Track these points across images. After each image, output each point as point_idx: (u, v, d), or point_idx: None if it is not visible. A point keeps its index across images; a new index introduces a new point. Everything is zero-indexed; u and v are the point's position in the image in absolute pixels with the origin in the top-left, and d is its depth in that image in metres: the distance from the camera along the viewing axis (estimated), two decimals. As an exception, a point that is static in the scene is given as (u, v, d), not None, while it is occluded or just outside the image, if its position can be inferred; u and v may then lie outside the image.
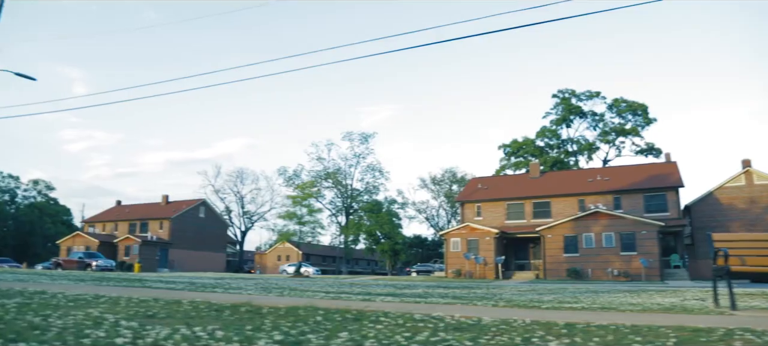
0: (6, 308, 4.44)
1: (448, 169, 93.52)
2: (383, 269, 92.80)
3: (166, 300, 5.55)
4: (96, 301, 5.34)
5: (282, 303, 5.55)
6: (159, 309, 4.80)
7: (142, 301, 5.45)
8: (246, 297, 6.18)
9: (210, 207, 71.12)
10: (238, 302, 5.37)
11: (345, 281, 25.39)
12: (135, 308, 4.87)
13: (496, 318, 4.56)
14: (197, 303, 5.30)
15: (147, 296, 6.26)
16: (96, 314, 4.23)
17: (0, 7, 31.37)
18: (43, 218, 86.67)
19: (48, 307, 4.66)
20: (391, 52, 14.97)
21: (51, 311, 4.37)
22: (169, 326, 3.64)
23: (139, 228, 64.58)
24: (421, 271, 60.59)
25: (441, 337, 3.42)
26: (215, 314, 4.55)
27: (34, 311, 4.28)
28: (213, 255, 66.45)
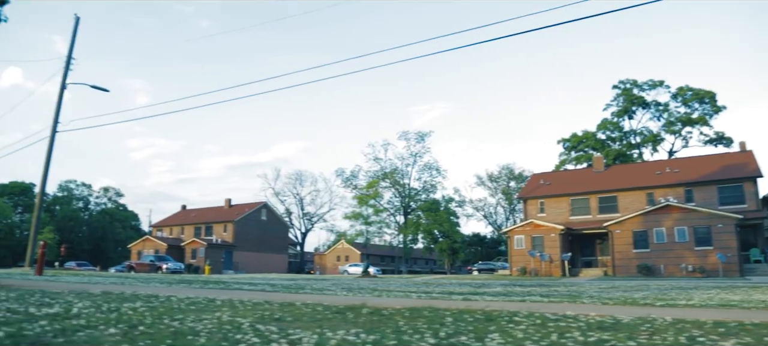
0: (138, 312, 4.52)
1: (504, 165, 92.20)
2: (441, 268, 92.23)
3: (279, 303, 5.57)
4: (212, 305, 5.40)
5: (397, 304, 5.48)
6: (280, 312, 4.80)
7: (256, 304, 5.48)
8: (358, 299, 6.16)
9: (271, 209, 72.42)
10: (353, 304, 5.34)
11: (414, 280, 25.27)
12: (254, 311, 4.89)
13: (633, 316, 4.35)
14: (312, 305, 5.30)
15: (252, 298, 6.31)
16: (226, 318, 4.25)
17: (74, 34, 32.71)
18: (114, 224, 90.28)
19: (174, 311, 4.73)
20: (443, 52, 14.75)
21: (181, 315, 4.42)
22: (310, 330, 3.61)
23: (204, 231, 66.38)
24: (483, 269, 59.94)
25: (597, 337, 3.26)
26: (339, 316, 4.52)
27: (166, 315, 4.35)
28: (275, 257, 67.64)
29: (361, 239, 47.81)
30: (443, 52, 13.27)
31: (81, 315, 4.25)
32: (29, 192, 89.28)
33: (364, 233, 45.02)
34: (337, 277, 40.70)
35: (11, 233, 79.16)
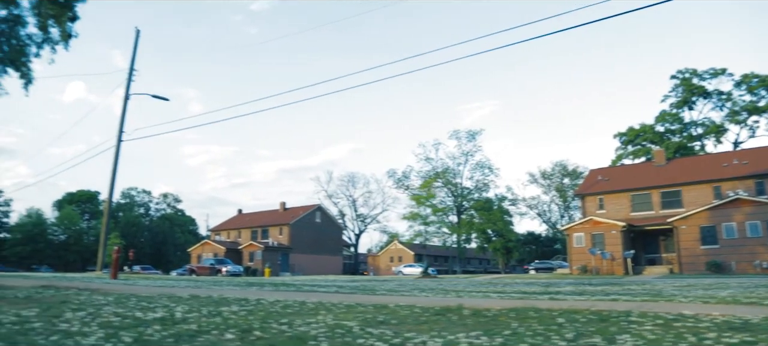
0: (240, 316, 4.56)
1: (557, 162, 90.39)
2: (495, 267, 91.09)
3: (371, 305, 5.55)
4: (306, 307, 5.42)
5: (493, 305, 5.37)
6: (378, 314, 4.77)
7: (349, 306, 5.47)
8: (451, 300, 6.08)
9: (325, 212, 73.13)
10: (448, 305, 5.26)
11: (475, 280, 24.99)
12: (352, 313, 4.86)
13: (759, 317, 4.11)
14: (406, 307, 5.25)
15: (342, 300, 6.31)
16: (331, 321, 4.23)
17: (136, 46, 33.79)
18: (173, 228, 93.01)
19: (275, 314, 4.75)
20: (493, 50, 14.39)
21: (284, 318, 4.44)
22: (425, 333, 3.55)
23: (260, 235, 67.57)
24: (541, 268, 58.87)
25: (738, 339, 3.08)
26: (442, 318, 4.45)
27: (270, 319, 4.37)
28: (330, 258, 68.26)
29: (419, 239, 47.56)
30: (493, 50, 13.10)
31: (187, 319, 4.30)
32: (94, 200, 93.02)
33: (423, 233, 44.74)
34: (394, 278, 40.65)
35: (80, 239, 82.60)
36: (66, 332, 3.53)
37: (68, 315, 4.48)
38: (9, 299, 6.42)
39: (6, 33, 15.84)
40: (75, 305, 5.46)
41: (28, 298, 6.77)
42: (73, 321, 4.09)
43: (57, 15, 18.22)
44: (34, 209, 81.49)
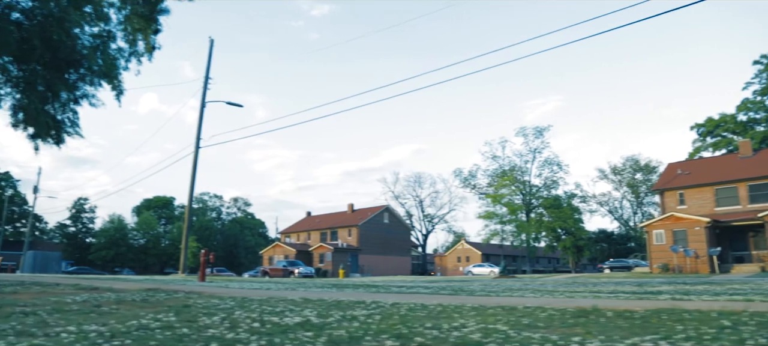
0: (377, 320, 4.46)
1: (628, 157, 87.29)
2: (565, 266, 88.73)
3: (500, 307, 5.37)
4: (430, 310, 5.29)
5: (633, 307, 5.08)
6: (512, 316, 4.58)
7: (476, 308, 5.31)
8: (581, 302, 5.83)
9: (393, 213, 73.28)
10: (582, 307, 5.02)
11: (553, 279, 24.33)
12: (491, 316, 4.69)
13: None
14: (539, 309, 5.05)
15: (464, 302, 6.15)
16: (477, 325, 4.07)
17: (210, 55, 34.81)
18: (244, 231, 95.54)
19: (412, 318, 4.63)
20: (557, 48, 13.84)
21: (429, 322, 4.31)
22: (593, 337, 3.33)
23: (329, 236, 68.40)
24: (616, 267, 56.89)
25: None
26: (588, 320, 4.21)
27: (415, 323, 4.25)
28: (398, 259, 68.31)
29: (496, 238, 46.81)
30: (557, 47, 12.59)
31: (329, 324, 4.21)
32: (170, 205, 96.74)
33: (499, 232, 44.01)
34: (465, 278, 40.20)
35: (158, 243, 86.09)
36: (221, 339, 3.51)
37: (205, 320, 4.50)
38: (131, 302, 6.59)
39: (99, 48, 16.48)
40: (202, 309, 5.52)
41: (144, 301, 6.95)
42: (215, 326, 4.09)
43: (143, 28, 18.85)
44: (115, 215, 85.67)
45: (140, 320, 4.46)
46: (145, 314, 4.95)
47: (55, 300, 7.13)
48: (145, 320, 4.45)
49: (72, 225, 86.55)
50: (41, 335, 3.69)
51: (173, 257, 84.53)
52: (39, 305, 6.34)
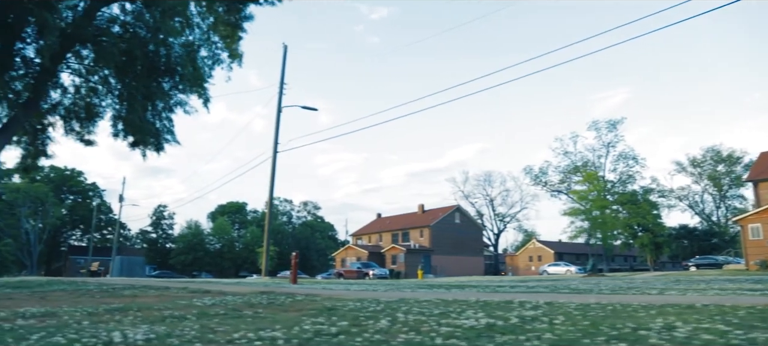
0: (565, 322, 4.10)
1: (708, 148, 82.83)
2: (643, 264, 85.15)
3: (677, 305, 4.91)
4: (592, 309, 4.89)
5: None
6: (715, 315, 4.12)
7: (658, 307, 4.88)
8: (755, 299, 5.30)
9: (464, 212, 72.46)
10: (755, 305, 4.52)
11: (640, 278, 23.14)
12: (666, 316, 4.25)
13: None
14: (716, 307, 4.57)
15: (611, 301, 5.70)
16: (716, 326, 3.64)
17: (284, 61, 35.24)
18: (314, 234, 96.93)
19: (609, 318, 4.25)
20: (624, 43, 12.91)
21: (619, 322, 3.91)
22: None
23: (400, 238, 68.30)
24: (702, 264, 54.07)
25: None
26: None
27: (614, 320, 3.86)
28: (471, 259, 67.41)
29: (582, 236, 45.32)
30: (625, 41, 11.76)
31: (530, 329, 3.87)
32: (243, 210, 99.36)
33: (587, 229, 42.55)
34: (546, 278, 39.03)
35: (232, 247, 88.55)
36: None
37: (372, 323, 4.26)
38: (265, 306, 6.48)
39: (190, 56, 16.79)
40: (349, 311, 5.31)
41: (274, 304, 6.83)
42: (389, 331, 3.83)
43: (229, 35, 19.15)
44: (192, 221, 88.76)
45: (302, 325, 4.26)
46: (299, 318, 4.77)
47: (185, 304, 7.13)
48: (306, 325, 4.24)
49: (153, 231, 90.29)
50: (224, 342, 3.54)
51: (247, 261, 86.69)
52: (175, 309, 6.33)
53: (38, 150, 16.77)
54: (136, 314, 5.64)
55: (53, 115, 16.56)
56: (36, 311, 6.12)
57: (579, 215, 41.82)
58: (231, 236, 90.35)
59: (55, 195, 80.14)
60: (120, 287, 13.41)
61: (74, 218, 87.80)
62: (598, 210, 41.62)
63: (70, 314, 5.71)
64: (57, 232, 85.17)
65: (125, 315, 5.58)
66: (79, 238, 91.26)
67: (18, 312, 5.99)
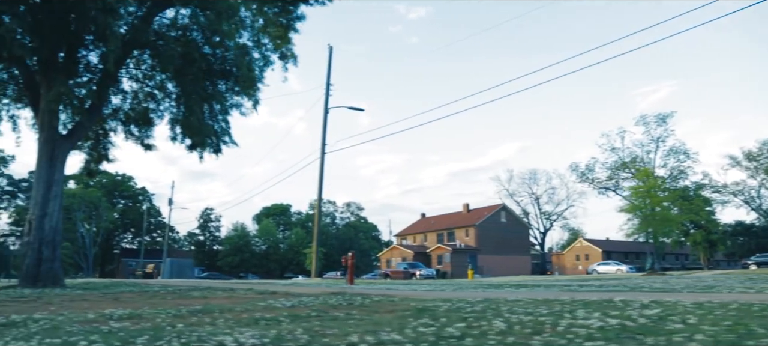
0: (699, 320, 3.76)
1: (765, 141, 79.41)
2: (696, 263, 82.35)
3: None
4: (712, 308, 4.52)
5: None
6: None
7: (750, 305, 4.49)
8: None
9: (510, 211, 71.42)
10: None
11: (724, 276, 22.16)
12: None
13: None
14: None
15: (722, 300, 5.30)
16: None
17: (330, 63, 35.31)
18: (358, 235, 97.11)
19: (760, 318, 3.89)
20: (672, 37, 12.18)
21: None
22: None
23: (446, 237, 67.76)
24: (763, 262, 52.05)
25: None
26: None
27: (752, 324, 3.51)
28: (518, 258, 66.38)
29: (641, 234, 43.96)
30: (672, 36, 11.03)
31: (670, 329, 3.53)
32: (287, 212, 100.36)
33: (645, 226, 41.23)
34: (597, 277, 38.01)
35: (277, 249, 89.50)
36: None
37: (487, 325, 3.99)
38: (344, 307, 6.29)
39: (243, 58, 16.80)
40: (446, 312, 5.06)
41: (353, 305, 6.63)
42: (515, 333, 3.56)
43: (280, 36, 19.15)
44: (238, 224, 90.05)
45: (411, 327, 4.02)
46: (399, 320, 4.54)
47: (264, 305, 7.00)
48: (419, 328, 4.00)
49: (200, 234, 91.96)
50: (344, 345, 3.34)
51: (293, 262, 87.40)
52: (256, 310, 6.20)
53: (101, 155, 17.10)
54: (224, 316, 5.51)
55: (114, 120, 16.81)
56: (121, 312, 6.07)
57: (636, 210, 40.52)
58: (276, 237, 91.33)
59: (108, 200, 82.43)
60: (184, 288, 13.48)
61: (125, 221, 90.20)
62: (658, 207, 40.22)
63: (157, 316, 5.62)
64: (110, 235, 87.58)
65: (212, 317, 5.46)
66: (130, 241, 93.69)
67: (104, 313, 5.95)
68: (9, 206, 79.53)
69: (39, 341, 3.88)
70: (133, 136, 18.15)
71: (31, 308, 7.17)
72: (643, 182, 42.82)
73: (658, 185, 47.49)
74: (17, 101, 16.34)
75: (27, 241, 13.74)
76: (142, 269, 58.75)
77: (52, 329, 4.66)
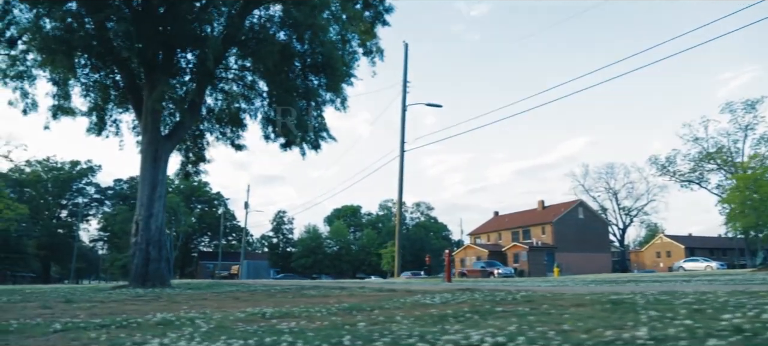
0: None
1: None
2: (792, 258, 76.95)
3: None
4: None
5: None
6: None
7: None
8: None
9: (587, 207, 68.92)
10: None
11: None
12: None
13: None
14: None
15: None
16: None
17: (406, 59, 34.83)
18: (428, 235, 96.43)
19: None
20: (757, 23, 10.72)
21: None
22: None
23: (521, 235, 66.09)
24: None
25: None
26: None
27: None
28: (597, 256, 63.91)
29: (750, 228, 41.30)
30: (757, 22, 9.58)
31: None
32: (357, 213, 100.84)
33: (753, 221, 38.65)
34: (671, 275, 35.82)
35: (349, 249, 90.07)
36: None
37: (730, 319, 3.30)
38: (510, 302, 5.69)
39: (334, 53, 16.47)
40: (646, 308, 4.38)
41: (503, 301, 6.04)
42: None
43: (366, 30, 18.77)
44: (310, 225, 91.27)
45: (641, 323, 3.39)
46: (602, 315, 3.91)
47: (411, 302, 6.51)
48: (677, 321, 3.36)
49: (274, 236, 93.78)
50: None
51: (364, 263, 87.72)
52: (417, 308, 5.70)
53: (197, 156, 17.22)
54: (392, 312, 5.04)
55: (208, 121, 16.88)
56: (272, 311, 5.70)
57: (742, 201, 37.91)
58: (347, 239, 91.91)
59: (185, 205, 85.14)
60: (287, 287, 13.27)
61: (202, 225, 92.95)
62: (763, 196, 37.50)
63: (311, 315, 5.21)
64: (188, 238, 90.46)
65: (386, 314, 5.02)
66: (207, 244, 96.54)
67: (252, 313, 5.61)
68: (97, 213, 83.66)
69: (224, 341, 3.50)
70: (225, 137, 18.21)
71: (163, 307, 6.96)
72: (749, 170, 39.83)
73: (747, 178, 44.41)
74: (119, 106, 16.67)
75: (135, 241, 13.88)
76: (227, 271, 60.50)
77: (221, 328, 4.31)
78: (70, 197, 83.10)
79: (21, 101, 16.25)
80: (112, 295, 10.38)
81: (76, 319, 5.34)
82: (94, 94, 16.25)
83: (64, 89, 16.67)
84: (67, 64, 13.83)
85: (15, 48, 15.93)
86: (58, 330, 4.52)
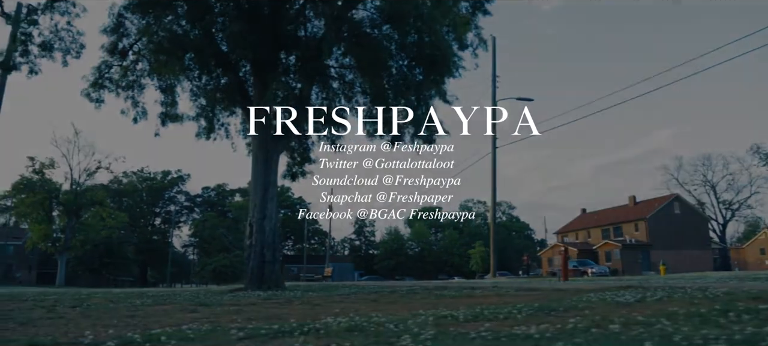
0: None
1: None
2: None
3: None
4: None
5: None
6: None
7: None
8: None
9: (684, 202, 64.96)
10: None
11: None
12: None
13: None
14: None
15: None
16: None
17: (494, 53, 33.77)
18: (511, 234, 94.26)
19: None
20: None
21: None
22: None
23: (612, 233, 63.14)
24: None
25: None
26: None
27: None
28: (696, 253, 59.99)
29: None
30: None
31: None
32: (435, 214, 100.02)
33: None
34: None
35: (430, 251, 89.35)
36: None
37: None
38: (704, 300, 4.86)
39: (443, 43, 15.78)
40: None
41: (683, 299, 5.20)
42: None
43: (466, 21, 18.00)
44: (392, 228, 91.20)
45: None
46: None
47: (596, 299, 5.80)
48: None
49: (356, 238, 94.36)
50: None
51: (446, 264, 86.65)
52: (622, 308, 5.00)
53: (303, 156, 17.06)
54: (631, 316, 4.35)
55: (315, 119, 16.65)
56: (464, 313, 5.13)
57: None
58: (429, 240, 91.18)
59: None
60: (412, 289, 12.76)
61: (285, 229, 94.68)
62: None
63: (507, 315, 4.59)
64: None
65: (647, 312, 4.32)
66: (290, 248, 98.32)
67: (442, 316, 5.06)
68: (187, 220, 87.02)
69: None
70: (325, 137, 18.00)
71: (305, 311, 6.61)
72: None
73: None
74: (225, 109, 16.75)
75: (249, 244, 13.78)
76: (312, 274, 61.40)
77: (443, 335, 3.76)
78: (163, 205, 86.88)
79: (132, 109, 16.64)
80: (239, 297, 10.18)
81: (233, 324, 4.96)
82: (203, 99, 16.41)
83: (170, 96, 16.96)
84: (179, 67, 13.92)
85: (126, 59, 16.34)
86: (242, 338, 4.13)
